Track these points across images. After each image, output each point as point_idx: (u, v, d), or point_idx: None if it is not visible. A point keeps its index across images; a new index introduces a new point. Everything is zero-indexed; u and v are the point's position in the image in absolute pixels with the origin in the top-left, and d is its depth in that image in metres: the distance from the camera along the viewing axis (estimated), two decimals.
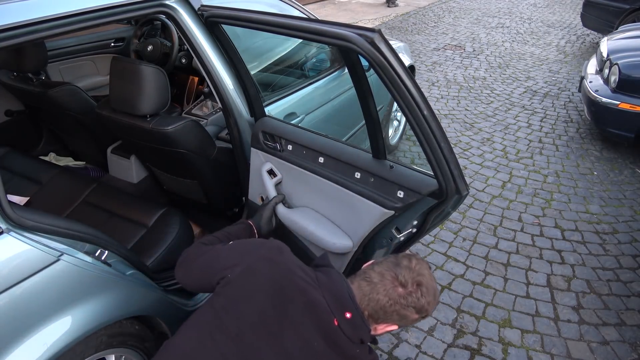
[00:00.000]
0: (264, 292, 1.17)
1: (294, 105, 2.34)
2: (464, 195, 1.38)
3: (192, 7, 1.78)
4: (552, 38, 7.07)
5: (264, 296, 1.17)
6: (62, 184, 2.23)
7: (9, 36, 1.24)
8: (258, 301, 1.16)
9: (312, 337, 1.14)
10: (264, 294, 1.17)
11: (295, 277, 1.19)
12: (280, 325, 1.14)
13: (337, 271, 1.26)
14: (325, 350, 1.14)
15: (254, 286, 1.19)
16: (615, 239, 2.87)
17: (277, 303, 1.16)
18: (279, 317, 1.15)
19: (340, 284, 1.20)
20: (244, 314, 1.16)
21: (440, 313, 2.34)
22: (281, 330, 1.14)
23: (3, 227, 1.17)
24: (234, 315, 1.16)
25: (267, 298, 1.16)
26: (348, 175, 1.64)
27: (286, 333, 1.14)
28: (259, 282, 1.19)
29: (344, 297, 1.17)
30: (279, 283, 1.18)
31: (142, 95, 1.83)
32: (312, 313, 1.15)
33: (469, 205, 3.19)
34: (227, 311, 1.17)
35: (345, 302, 1.17)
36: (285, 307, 1.15)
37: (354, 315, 1.16)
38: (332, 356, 1.15)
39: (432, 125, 1.29)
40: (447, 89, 5.17)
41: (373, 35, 1.21)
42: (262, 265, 1.22)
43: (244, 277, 1.20)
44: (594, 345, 2.18)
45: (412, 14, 8.55)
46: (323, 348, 1.14)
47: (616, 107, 3.57)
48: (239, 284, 1.20)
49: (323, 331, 1.15)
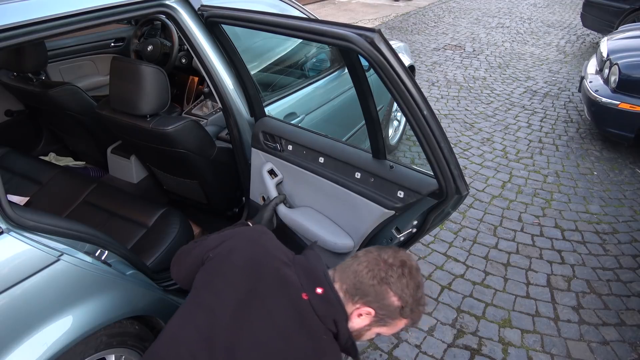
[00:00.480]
0: (240, 270, 1.19)
1: (294, 105, 2.34)
2: (464, 196, 1.38)
3: (192, 7, 1.78)
4: (552, 38, 7.07)
5: (239, 273, 1.18)
6: (62, 184, 2.23)
7: (9, 36, 1.24)
8: (233, 278, 1.18)
9: (280, 315, 1.12)
10: (239, 272, 1.18)
11: (271, 257, 1.20)
12: (251, 303, 1.14)
13: (316, 252, 1.26)
14: (293, 328, 1.11)
15: (232, 263, 1.21)
16: (615, 239, 2.87)
17: (250, 281, 1.16)
18: (251, 294, 1.15)
19: (315, 261, 1.20)
20: (219, 290, 1.17)
21: (440, 313, 2.34)
22: (251, 308, 1.13)
23: (3, 227, 1.17)
24: (211, 290, 1.18)
25: (243, 276, 1.18)
26: (348, 175, 1.64)
27: (255, 311, 1.13)
28: (236, 260, 1.21)
29: (316, 273, 1.16)
30: (255, 261, 1.20)
31: (142, 95, 1.83)
32: (282, 289, 1.15)
33: (469, 205, 3.19)
34: (205, 286, 1.20)
35: (317, 278, 1.15)
36: (257, 285, 1.16)
37: (326, 291, 1.13)
38: (298, 336, 1.12)
39: (432, 125, 1.29)
40: (447, 89, 5.17)
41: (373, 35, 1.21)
42: (242, 245, 1.25)
43: (224, 254, 1.24)
44: (594, 345, 2.18)
45: (412, 14, 8.55)
46: (290, 325, 1.11)
47: (616, 107, 3.57)
48: (218, 261, 1.23)
49: (292, 307, 1.13)
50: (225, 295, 1.15)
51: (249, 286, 1.16)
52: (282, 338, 1.11)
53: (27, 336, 1.24)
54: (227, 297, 1.15)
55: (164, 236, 1.90)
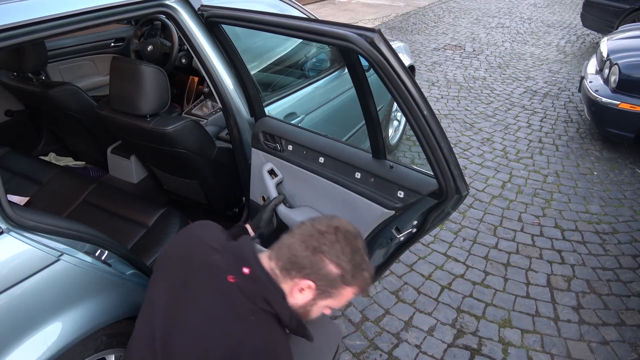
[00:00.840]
0: (174, 262, 1.21)
1: (294, 105, 2.34)
2: (464, 195, 1.38)
3: (192, 7, 1.78)
4: (552, 38, 7.07)
5: (173, 266, 1.20)
6: (62, 184, 2.23)
7: (9, 36, 1.24)
8: (168, 271, 1.20)
9: (208, 301, 1.11)
10: (173, 264, 1.21)
11: (202, 246, 1.20)
12: (182, 294, 1.14)
13: (249, 236, 1.26)
14: (220, 313, 1.09)
15: (168, 256, 1.24)
16: (615, 239, 2.87)
17: (183, 272, 1.17)
18: (183, 285, 1.15)
19: (244, 244, 1.18)
20: (157, 284, 1.20)
21: (440, 313, 2.34)
22: (182, 299, 1.13)
23: (3, 227, 1.17)
24: (153, 283, 1.21)
25: (176, 268, 1.19)
26: (348, 176, 1.64)
27: (186, 301, 1.13)
28: (171, 252, 1.25)
29: (243, 254, 1.14)
30: (187, 252, 1.21)
31: (142, 95, 1.83)
32: (209, 275, 1.14)
33: (469, 205, 3.19)
34: (152, 280, 1.23)
35: (244, 258, 1.12)
36: (188, 276, 1.16)
37: (253, 270, 1.10)
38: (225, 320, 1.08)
39: (432, 125, 1.29)
40: (447, 89, 5.17)
41: (373, 35, 1.21)
42: (177, 238, 1.29)
43: (168, 248, 1.28)
44: (594, 345, 2.18)
45: (412, 14, 8.56)
46: (218, 310, 1.09)
47: (616, 107, 3.57)
48: (162, 254, 1.27)
49: (219, 291, 1.11)
50: (161, 288, 1.18)
51: (182, 277, 1.16)
52: (211, 324, 1.08)
53: (27, 336, 1.24)
54: (163, 290, 1.17)
55: (164, 236, 1.90)
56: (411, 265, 2.65)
